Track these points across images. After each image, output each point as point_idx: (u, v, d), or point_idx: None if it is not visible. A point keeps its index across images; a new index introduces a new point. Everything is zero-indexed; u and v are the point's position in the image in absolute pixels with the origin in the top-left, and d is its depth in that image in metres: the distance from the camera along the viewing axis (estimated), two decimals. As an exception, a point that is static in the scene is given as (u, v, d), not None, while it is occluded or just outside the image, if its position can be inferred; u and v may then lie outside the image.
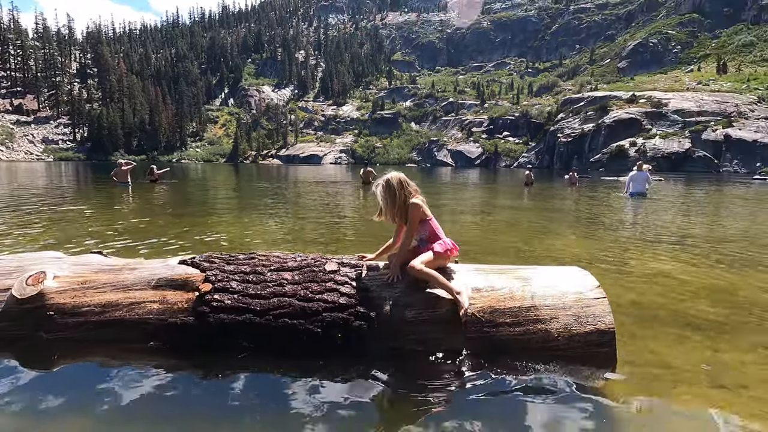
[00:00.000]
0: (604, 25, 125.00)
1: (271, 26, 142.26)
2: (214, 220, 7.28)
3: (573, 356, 1.94)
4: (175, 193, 13.17)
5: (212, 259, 2.36)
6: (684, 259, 4.61)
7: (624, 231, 6.71)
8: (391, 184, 2.31)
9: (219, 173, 35.64)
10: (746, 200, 14.00)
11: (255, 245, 5.14)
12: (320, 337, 2.03)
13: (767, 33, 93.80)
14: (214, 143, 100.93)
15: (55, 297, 2.20)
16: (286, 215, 8.24)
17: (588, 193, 15.99)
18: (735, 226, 7.59)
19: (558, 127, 76.83)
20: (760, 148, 57.63)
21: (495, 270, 2.27)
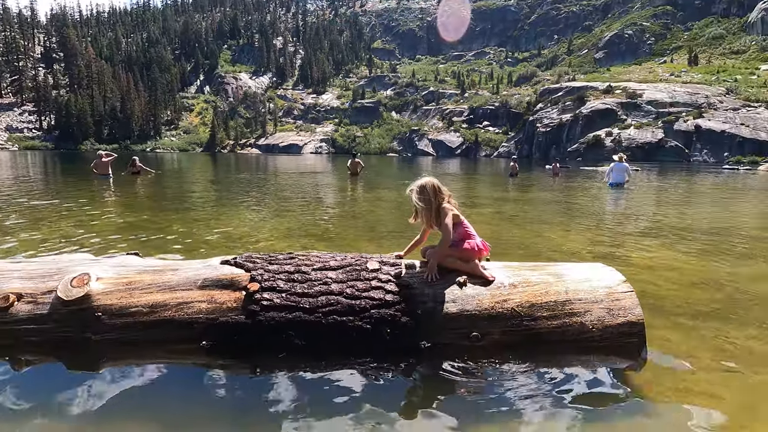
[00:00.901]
0: (581, 15, 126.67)
1: (248, 11, 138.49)
2: (205, 215, 7.23)
3: (606, 346, 2.10)
4: (158, 186, 12.90)
5: (254, 260, 2.41)
6: (680, 250, 4.88)
7: (616, 223, 7.00)
8: (426, 191, 2.42)
9: (197, 163, 34.89)
10: (722, 189, 14.68)
11: (256, 241, 5.17)
12: (369, 334, 2.13)
13: (736, 26, 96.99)
14: (190, 132, 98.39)
15: (102, 298, 2.22)
16: (279, 209, 8.24)
17: (571, 183, 16.44)
18: (720, 216, 8.00)
19: (537, 117, 78.01)
20: (728, 138, 59.98)
21: (526, 267, 2.41)
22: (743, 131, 59.81)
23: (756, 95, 65.71)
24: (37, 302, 2.23)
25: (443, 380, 2.06)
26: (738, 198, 12.05)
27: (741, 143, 58.61)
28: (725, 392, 1.95)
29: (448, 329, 2.15)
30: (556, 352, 2.12)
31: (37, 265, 2.44)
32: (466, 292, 2.21)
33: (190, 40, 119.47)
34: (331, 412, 1.83)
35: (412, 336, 2.14)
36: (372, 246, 4.82)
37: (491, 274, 2.29)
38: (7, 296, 2.22)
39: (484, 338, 2.12)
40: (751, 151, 55.93)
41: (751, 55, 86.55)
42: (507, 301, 2.18)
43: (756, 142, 57.20)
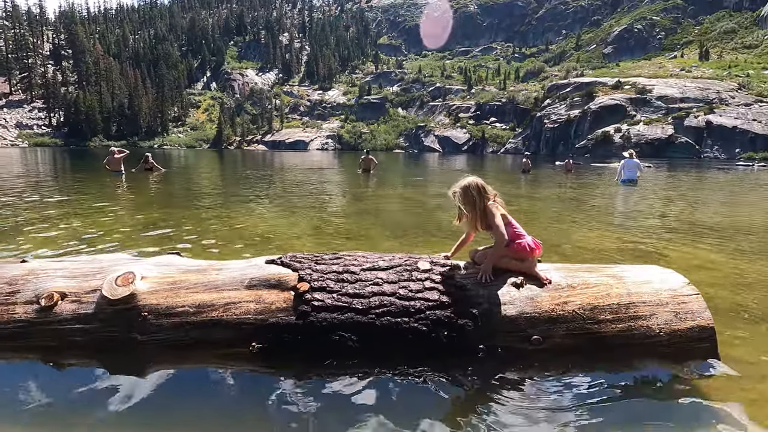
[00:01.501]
0: (590, 10, 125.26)
1: (254, 8, 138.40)
2: (224, 212, 7.18)
3: (674, 352, 2.01)
4: (170, 182, 12.91)
5: (300, 259, 2.34)
6: (712, 249, 4.76)
7: (642, 221, 6.87)
8: (470, 192, 2.32)
9: (205, 160, 34.98)
10: (742, 186, 14.43)
11: (285, 239, 5.11)
12: (426, 336, 2.05)
13: (748, 20, 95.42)
14: (197, 129, 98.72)
15: (148, 297, 2.17)
16: (297, 206, 8.18)
17: (583, 179, 16.25)
18: (745, 214, 7.84)
19: (544, 113, 77.40)
20: (740, 134, 59.15)
21: (581, 268, 2.32)
22: (755, 127, 58.94)
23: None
24: (81, 301, 2.18)
25: (498, 385, 1.99)
26: (759, 195, 11.83)
27: (753, 139, 57.80)
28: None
29: (506, 332, 2.07)
30: (622, 356, 2.03)
31: (78, 265, 2.39)
32: (523, 293, 2.13)
33: (197, 36, 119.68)
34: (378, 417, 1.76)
35: (470, 338, 2.06)
36: (400, 246, 4.74)
37: (546, 275, 2.20)
38: (51, 295, 2.17)
39: (546, 341, 2.04)
40: (763, 147, 55.15)
41: (764, 50, 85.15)
42: (567, 303, 2.09)
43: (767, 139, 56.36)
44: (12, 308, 2.17)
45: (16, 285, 2.24)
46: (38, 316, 2.14)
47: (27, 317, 2.14)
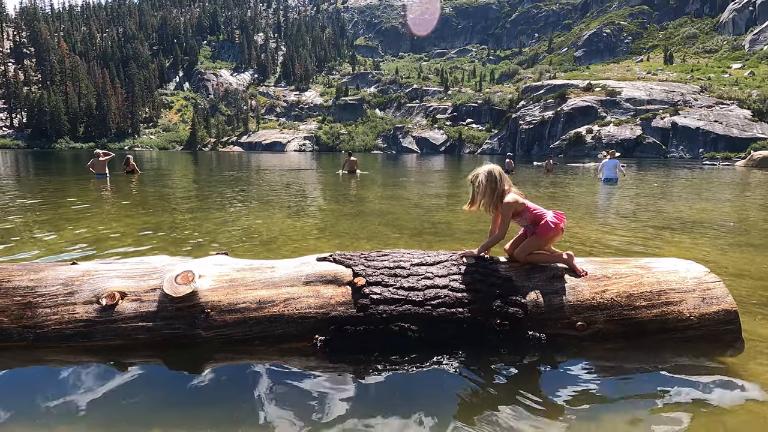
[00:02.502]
0: (561, 14, 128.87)
1: (228, 7, 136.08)
2: (221, 214, 7.16)
3: (705, 335, 2.22)
4: (155, 185, 12.67)
5: (351, 257, 2.45)
6: (706, 244, 5.10)
7: (632, 218, 7.22)
8: (494, 176, 2.43)
9: (181, 162, 34.25)
10: (711, 183, 15.24)
11: (297, 240, 5.17)
12: (480, 324, 2.20)
13: (708, 26, 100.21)
14: (170, 130, 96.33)
15: (209, 295, 2.23)
16: (295, 208, 8.21)
17: (563, 179, 16.80)
18: (725, 210, 8.34)
19: (519, 114, 79.17)
20: (702, 135, 62.09)
21: (610, 261, 2.52)
22: (717, 128, 61.97)
23: (728, 93, 68.11)
24: (142, 300, 2.23)
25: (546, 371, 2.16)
26: (731, 192, 12.56)
27: (715, 139, 60.75)
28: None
29: (553, 319, 2.23)
30: (658, 341, 2.23)
31: (129, 266, 2.42)
32: (564, 283, 2.30)
33: (168, 35, 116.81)
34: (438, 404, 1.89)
35: (521, 326, 2.21)
36: (418, 245, 4.88)
37: (581, 267, 2.38)
38: (113, 294, 2.21)
39: (589, 327, 2.21)
40: (724, 147, 58.03)
41: (723, 55, 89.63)
42: (605, 292, 2.28)
43: (729, 139, 59.38)
44: (72, 308, 2.19)
45: (73, 286, 2.26)
46: (100, 315, 2.17)
47: (89, 317, 2.17)
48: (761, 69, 76.98)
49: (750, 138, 56.74)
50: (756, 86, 69.41)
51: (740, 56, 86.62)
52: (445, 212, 7.63)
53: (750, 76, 74.95)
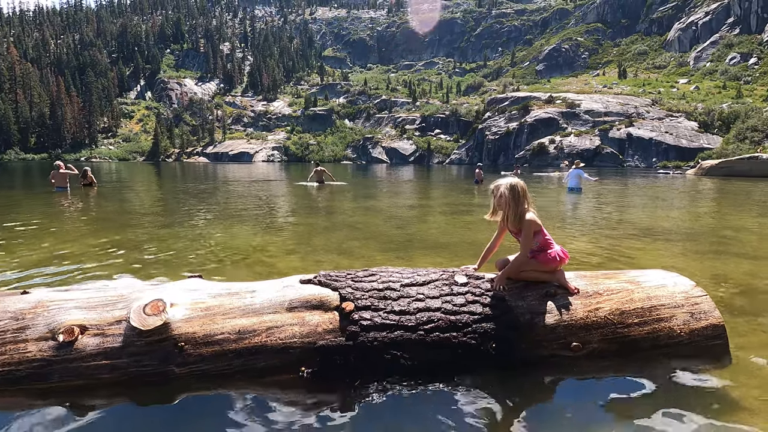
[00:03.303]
0: (522, 29, 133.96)
1: (192, 15, 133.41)
2: (190, 229, 6.85)
3: (694, 350, 2.21)
4: (117, 199, 12.05)
5: (336, 278, 2.31)
6: (673, 251, 5.26)
7: (601, 227, 7.41)
8: (517, 191, 2.37)
9: (143, 173, 32.93)
10: (668, 191, 16.01)
11: (263, 255, 4.97)
12: (474, 349, 2.11)
13: (657, 44, 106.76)
14: (131, 140, 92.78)
15: (183, 326, 2.03)
16: (267, 222, 7.96)
17: (534, 188, 17.23)
18: (684, 218, 8.71)
19: (486, 126, 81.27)
20: (655, 145, 65.73)
21: (600, 275, 2.50)
22: (668, 139, 65.75)
23: (677, 106, 72.50)
24: (105, 334, 2.00)
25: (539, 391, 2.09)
26: (687, 199, 13.21)
27: (666, 149, 64.42)
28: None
29: (548, 341, 2.17)
30: (650, 358, 2.21)
31: (91, 294, 2.19)
32: (558, 302, 2.25)
33: (129, 43, 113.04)
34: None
35: (516, 349, 2.14)
36: (396, 259, 4.77)
37: (572, 284, 2.35)
38: (71, 329, 1.98)
39: (584, 348, 2.17)
40: (674, 156, 61.61)
41: (671, 70, 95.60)
42: (598, 310, 2.24)
43: (679, 149, 63.07)
44: (23, 346, 1.94)
45: (24, 320, 2.01)
46: (57, 353, 1.93)
47: (44, 356, 1.93)
48: (705, 84, 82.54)
49: (697, 148, 60.40)
50: (701, 100, 74.30)
51: (686, 72, 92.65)
52: (420, 224, 7.59)
53: (695, 90, 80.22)
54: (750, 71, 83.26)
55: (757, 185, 20.97)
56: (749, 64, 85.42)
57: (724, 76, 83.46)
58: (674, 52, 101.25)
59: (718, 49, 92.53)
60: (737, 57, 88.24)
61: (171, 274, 4.00)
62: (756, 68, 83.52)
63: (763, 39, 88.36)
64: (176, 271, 4.15)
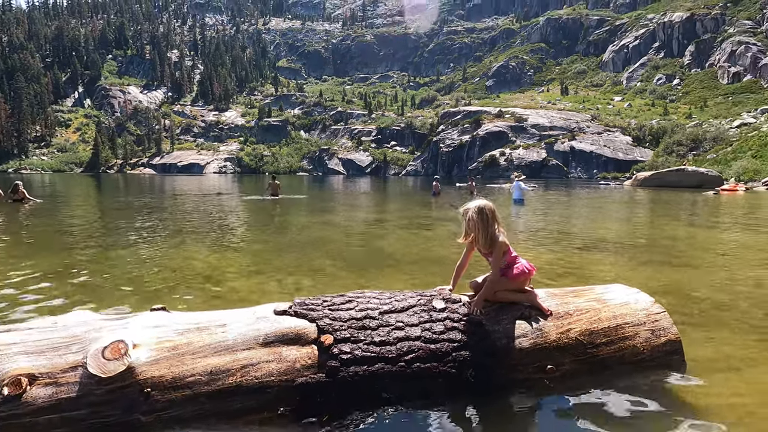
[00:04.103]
0: (472, 47, 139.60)
1: (137, 20, 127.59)
2: (136, 251, 6.46)
3: (655, 366, 2.34)
4: (52, 216, 11.15)
5: (313, 306, 2.24)
6: (620, 262, 5.59)
7: (557, 239, 7.75)
8: (486, 215, 2.42)
9: (81, 187, 30.78)
10: (610, 202, 17.10)
11: (223, 277, 4.77)
12: (455, 377, 2.11)
13: (594, 64, 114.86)
14: (67, 150, 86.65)
15: (148, 369, 1.88)
16: (221, 240, 7.67)
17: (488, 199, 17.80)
18: (626, 229, 9.31)
19: (440, 138, 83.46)
20: (595, 158, 70.34)
21: (568, 293, 2.59)
22: (606, 151, 70.57)
23: (613, 122, 78.11)
24: (58, 383, 1.81)
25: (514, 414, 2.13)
26: (627, 210, 14.17)
27: (605, 162, 69.08)
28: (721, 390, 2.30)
29: (523, 365, 2.21)
30: (615, 374, 2.31)
31: (40, 334, 1.98)
32: (533, 325, 2.31)
33: (65, 47, 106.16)
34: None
35: (494, 375, 2.16)
36: (365, 278, 4.72)
37: (546, 306, 2.42)
38: (17, 380, 1.77)
39: (558, 369, 2.23)
40: (613, 168, 66.17)
41: (607, 89, 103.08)
42: (570, 331, 2.32)
43: (616, 161, 67.82)
44: (-41, 404, 1.71)
45: (-41, 372, 1.78)
46: (2, 409, 1.73)
47: (-15, 413, 1.71)
48: (636, 102, 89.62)
49: (632, 160, 65.26)
50: (633, 116, 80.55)
51: (620, 90, 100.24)
52: (382, 239, 7.60)
53: (628, 107, 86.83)
54: (674, 91, 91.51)
55: (683, 195, 22.90)
56: (673, 85, 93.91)
57: (653, 95, 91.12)
58: (609, 72, 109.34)
59: (647, 71, 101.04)
60: (663, 78, 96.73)
61: (126, 302, 3.73)
62: (679, 88, 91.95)
63: (684, 62, 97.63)
64: (131, 299, 3.87)
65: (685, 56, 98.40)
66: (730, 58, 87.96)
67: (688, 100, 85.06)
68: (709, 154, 53.04)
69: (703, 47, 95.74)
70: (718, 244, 7.25)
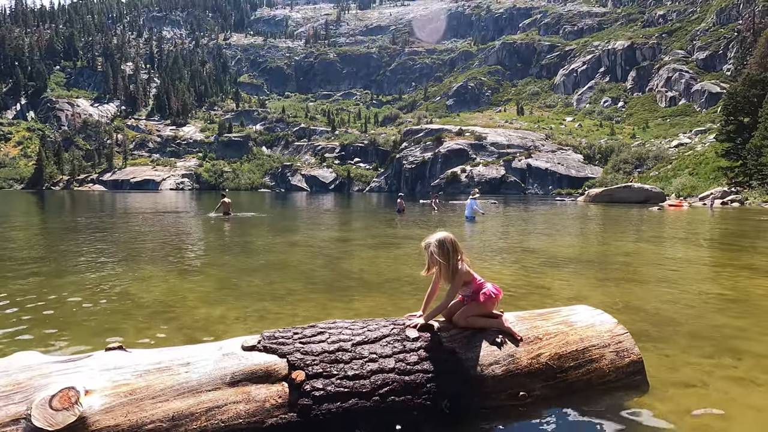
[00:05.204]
0: (433, 67, 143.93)
1: (88, 31, 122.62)
2: (83, 277, 6.08)
3: (620, 387, 2.41)
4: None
5: (282, 340, 2.16)
6: (578, 280, 5.81)
7: (517, 257, 7.96)
8: (446, 247, 2.45)
9: (21, 205, 28.76)
10: (564, 218, 17.85)
11: (180, 307, 4.55)
12: (430, 409, 2.08)
13: (547, 86, 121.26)
14: (6, 165, 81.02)
15: (102, 419, 1.73)
16: (180, 263, 7.34)
17: (451, 217, 18.16)
18: (581, 245, 9.71)
19: (403, 155, 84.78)
20: (550, 174, 73.70)
21: (535, 316, 2.64)
22: (560, 169, 74.14)
23: (565, 141, 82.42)
24: (-3, 441, 1.63)
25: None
26: (580, 226, 14.84)
27: (559, 178, 72.50)
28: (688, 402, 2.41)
29: (496, 392, 2.22)
30: (583, 399, 2.35)
31: (-25, 385, 1.78)
32: (505, 351, 2.33)
33: (7, 56, 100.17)
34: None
35: (469, 403, 2.15)
36: (334, 303, 4.62)
37: (516, 330, 2.45)
38: (-53, 441, 1.58)
39: (530, 396, 2.25)
40: (567, 184, 69.51)
41: (559, 110, 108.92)
42: (540, 356, 2.36)
43: (569, 178, 71.34)
44: None
45: None
46: (-73, 474, 1.53)
47: None
48: (586, 122, 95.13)
49: (584, 177, 68.87)
50: (584, 135, 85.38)
51: (571, 111, 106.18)
52: (348, 260, 7.52)
53: (579, 127, 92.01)
54: (619, 113, 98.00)
55: (631, 210, 24.30)
56: (618, 107, 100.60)
57: (600, 116, 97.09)
58: (561, 94, 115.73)
59: (594, 93, 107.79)
60: (609, 100, 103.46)
61: (77, 339, 3.45)
62: (623, 110, 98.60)
63: (627, 86, 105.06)
64: (82, 334, 3.58)
65: (627, 81, 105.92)
66: (666, 84, 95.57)
67: (632, 121, 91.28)
68: (652, 171, 56.92)
69: (643, 73, 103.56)
70: (666, 259, 7.70)
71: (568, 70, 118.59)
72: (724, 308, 4.47)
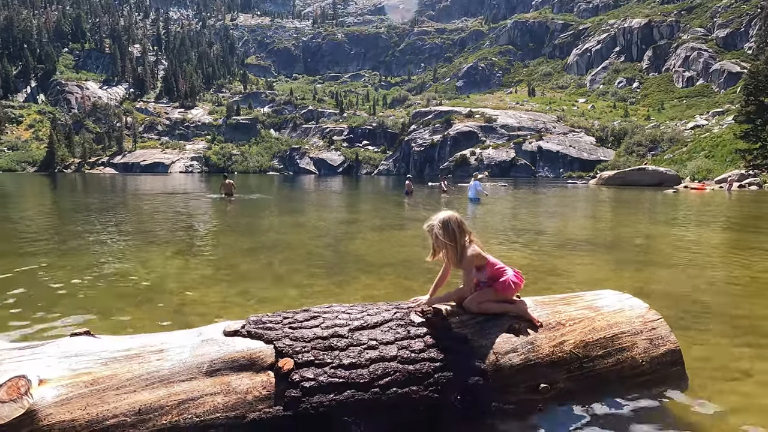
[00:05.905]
0: (442, 47, 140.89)
1: (94, 12, 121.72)
2: (80, 258, 5.90)
3: (656, 379, 2.12)
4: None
5: (270, 325, 1.90)
6: (605, 263, 5.48)
7: (532, 239, 7.63)
8: (451, 228, 2.16)
9: (33, 187, 28.90)
10: (578, 200, 17.38)
11: (176, 290, 4.33)
12: (438, 402, 1.81)
13: (559, 66, 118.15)
14: (19, 148, 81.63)
15: (56, 412, 1.49)
16: (182, 245, 7.16)
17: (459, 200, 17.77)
18: (598, 227, 9.34)
19: (411, 138, 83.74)
20: (561, 157, 72.32)
21: (558, 301, 2.35)
22: (571, 151, 72.68)
23: (578, 123, 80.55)
24: (-68, 438, 1.40)
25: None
26: (594, 208, 14.39)
27: (571, 161, 71.14)
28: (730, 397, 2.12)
29: (514, 384, 1.94)
30: (614, 393, 2.07)
31: None
32: (523, 338, 2.05)
33: (16, 38, 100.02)
34: None
35: (483, 397, 1.88)
36: (335, 285, 4.37)
37: (536, 316, 2.17)
38: None
39: (553, 388, 1.97)
40: (578, 167, 68.22)
41: (571, 91, 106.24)
42: (563, 344, 2.07)
43: (581, 161, 69.95)
44: None
45: None
46: None
47: None
48: (599, 104, 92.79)
49: (596, 160, 67.48)
50: (596, 117, 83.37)
51: (584, 92, 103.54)
52: (354, 241, 7.27)
53: (592, 109, 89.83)
54: (634, 93, 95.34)
55: (645, 193, 23.66)
56: (633, 88, 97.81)
57: (614, 97, 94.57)
58: (574, 75, 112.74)
59: (609, 74, 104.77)
60: (624, 81, 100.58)
61: (71, 319, 3.25)
62: (638, 91, 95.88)
63: (642, 66, 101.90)
64: (67, 317, 3.38)
65: (643, 60, 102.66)
66: (684, 63, 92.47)
67: (647, 102, 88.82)
68: (667, 154, 55.47)
69: (660, 52, 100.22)
70: (688, 242, 7.32)
71: (582, 49, 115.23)
72: (757, 292, 4.14)
